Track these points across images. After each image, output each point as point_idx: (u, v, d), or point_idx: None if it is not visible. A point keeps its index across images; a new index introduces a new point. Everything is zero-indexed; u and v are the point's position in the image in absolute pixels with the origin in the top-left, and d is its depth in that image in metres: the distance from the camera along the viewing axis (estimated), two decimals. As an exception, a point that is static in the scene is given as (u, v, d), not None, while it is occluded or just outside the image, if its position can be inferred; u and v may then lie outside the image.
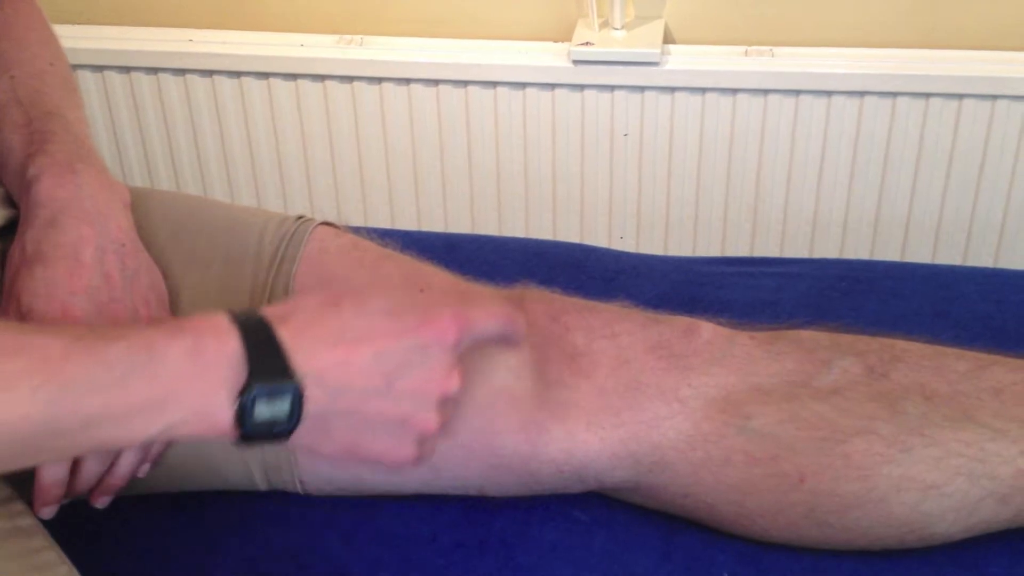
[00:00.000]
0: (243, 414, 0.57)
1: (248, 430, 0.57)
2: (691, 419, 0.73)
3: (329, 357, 0.59)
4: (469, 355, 0.74)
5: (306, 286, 0.76)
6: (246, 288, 0.76)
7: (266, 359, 0.57)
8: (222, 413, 0.56)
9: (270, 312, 0.60)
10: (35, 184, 0.72)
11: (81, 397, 0.53)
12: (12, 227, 0.73)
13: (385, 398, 0.60)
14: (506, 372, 0.74)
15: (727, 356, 0.75)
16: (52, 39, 0.84)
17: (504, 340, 0.68)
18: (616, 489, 0.77)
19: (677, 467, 0.73)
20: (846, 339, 0.78)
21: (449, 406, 0.64)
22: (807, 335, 0.78)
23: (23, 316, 0.68)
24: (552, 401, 0.74)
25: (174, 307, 0.74)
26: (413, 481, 0.76)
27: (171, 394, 0.55)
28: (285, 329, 0.59)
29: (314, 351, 0.59)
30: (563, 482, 0.75)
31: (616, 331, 0.77)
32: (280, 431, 0.58)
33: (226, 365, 0.57)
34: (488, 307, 0.66)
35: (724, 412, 0.73)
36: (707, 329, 0.77)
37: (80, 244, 0.70)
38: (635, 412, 0.73)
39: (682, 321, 0.78)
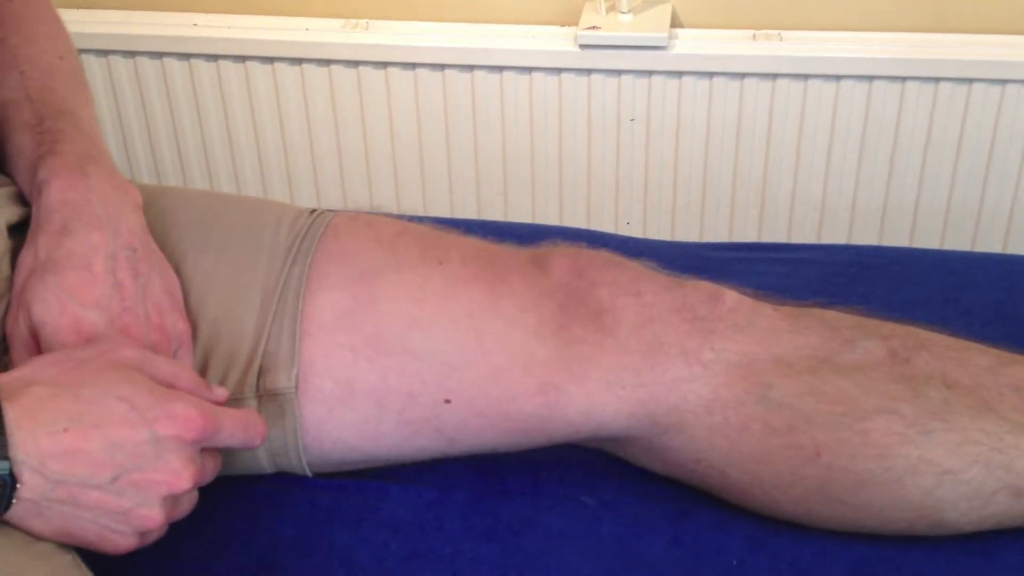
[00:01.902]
0: None
1: None
2: (711, 384, 0.72)
3: (54, 444, 0.58)
4: (488, 319, 0.73)
5: (322, 274, 0.75)
6: (259, 279, 0.76)
7: None
8: None
9: (5, 384, 0.59)
10: (46, 187, 0.71)
11: None
12: (24, 225, 0.73)
13: (106, 491, 0.60)
14: (525, 334, 0.74)
15: (751, 325, 0.75)
16: (61, 32, 0.84)
17: (245, 446, 0.68)
18: (628, 443, 0.76)
19: (693, 431, 0.73)
20: (870, 322, 0.77)
21: (182, 502, 0.65)
22: (831, 314, 0.78)
23: (34, 326, 0.68)
24: (572, 360, 0.73)
25: (186, 298, 0.74)
26: (428, 451, 0.76)
27: None
28: (13, 408, 0.58)
29: (39, 436, 0.58)
30: (577, 439, 0.75)
31: (641, 289, 0.76)
32: None
33: None
34: (236, 414, 0.66)
35: (745, 380, 0.72)
36: (731, 296, 0.77)
37: (92, 253, 0.69)
38: (656, 373, 0.73)
39: (706, 286, 0.77)
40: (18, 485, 0.57)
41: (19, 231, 0.73)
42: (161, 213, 0.78)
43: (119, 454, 0.60)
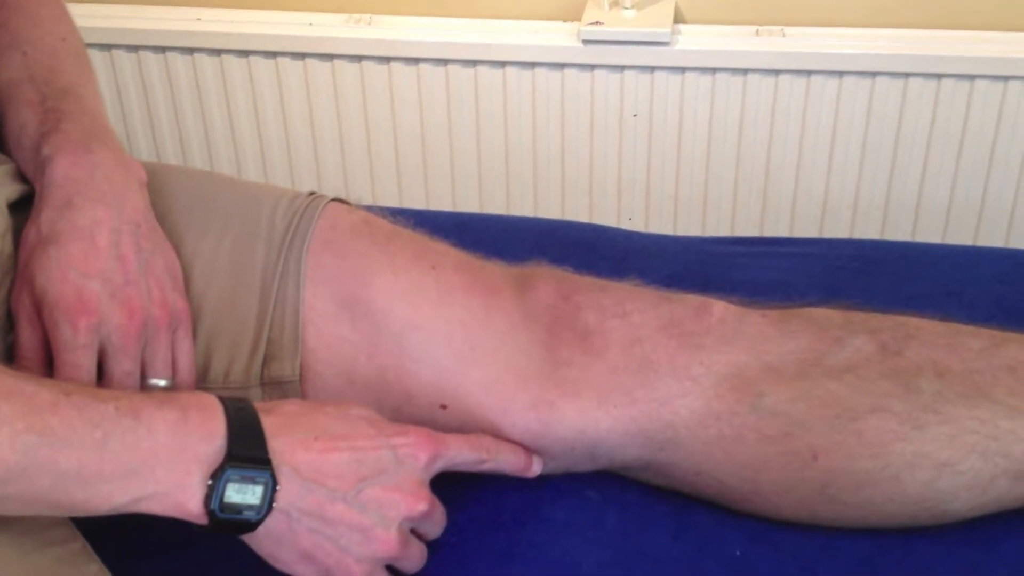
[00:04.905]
0: (212, 495, 0.58)
1: (215, 512, 0.59)
2: (703, 397, 0.73)
3: (307, 452, 0.62)
4: (482, 330, 0.74)
5: (318, 264, 0.76)
6: (258, 265, 0.76)
7: (246, 444, 0.60)
8: (191, 492, 0.59)
9: (259, 405, 0.63)
10: (50, 164, 0.71)
11: (58, 451, 0.55)
12: (25, 202, 0.73)
13: (351, 504, 0.63)
14: (516, 351, 0.74)
15: (739, 335, 0.75)
16: (64, 13, 0.84)
17: (477, 465, 0.71)
18: (627, 467, 0.77)
19: (689, 445, 0.73)
20: (859, 317, 0.77)
21: (413, 550, 0.67)
22: (819, 313, 0.78)
23: (37, 298, 0.68)
24: (563, 380, 0.74)
25: (187, 280, 0.74)
26: None
27: (146, 465, 0.57)
28: (270, 418, 0.62)
29: (294, 444, 0.62)
30: (574, 460, 0.75)
31: (627, 310, 0.77)
32: (248, 518, 0.60)
33: (207, 443, 0.59)
34: (462, 436, 0.70)
35: (736, 390, 0.73)
36: (719, 308, 0.77)
37: (95, 226, 0.69)
38: (647, 390, 0.73)
39: (694, 300, 0.78)
40: (277, 488, 0.60)
41: (19, 209, 0.73)
42: (159, 189, 0.77)
43: (363, 467, 0.64)
